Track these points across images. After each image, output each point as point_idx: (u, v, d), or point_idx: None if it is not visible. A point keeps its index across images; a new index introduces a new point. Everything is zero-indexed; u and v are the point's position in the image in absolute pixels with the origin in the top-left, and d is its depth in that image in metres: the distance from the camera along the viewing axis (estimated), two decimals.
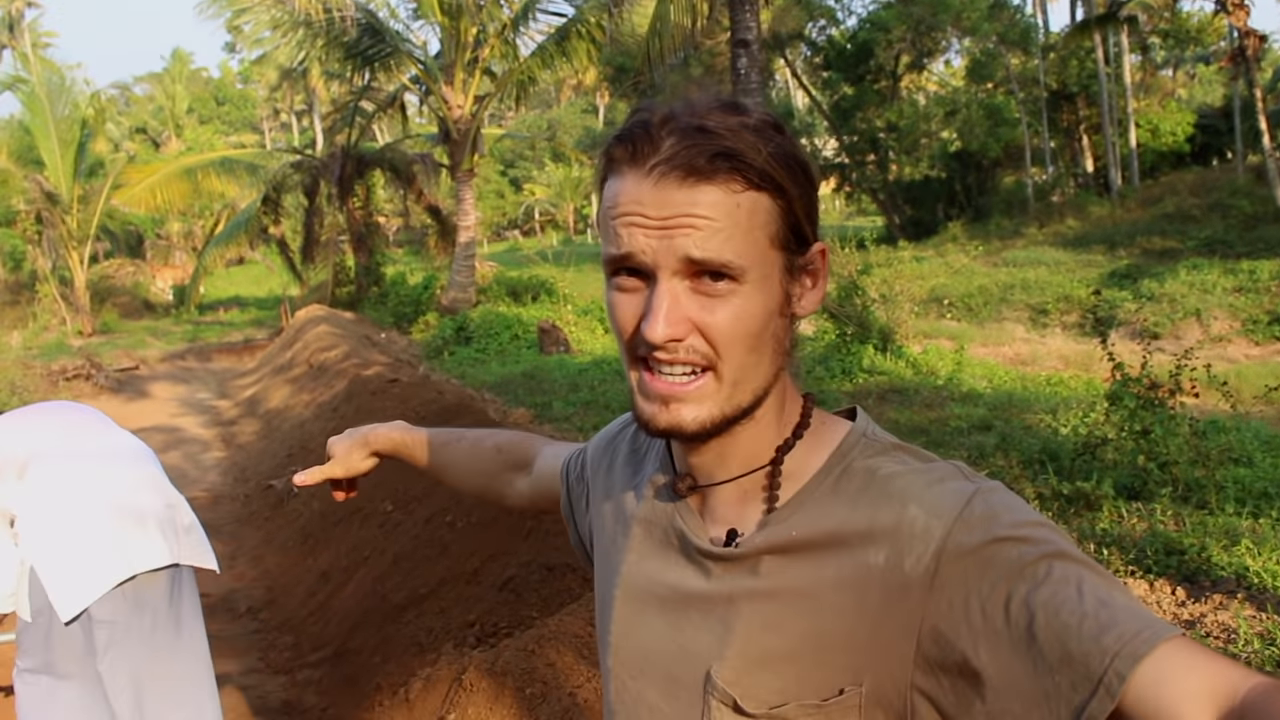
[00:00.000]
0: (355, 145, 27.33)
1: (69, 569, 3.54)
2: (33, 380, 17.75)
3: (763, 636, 1.17)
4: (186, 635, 3.77)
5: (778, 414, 1.23)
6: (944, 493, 1.11)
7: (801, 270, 1.19)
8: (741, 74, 11.32)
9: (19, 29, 72.89)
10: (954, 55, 43.52)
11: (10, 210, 34.19)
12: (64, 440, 3.81)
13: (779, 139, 1.14)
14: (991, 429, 9.40)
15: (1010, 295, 22.84)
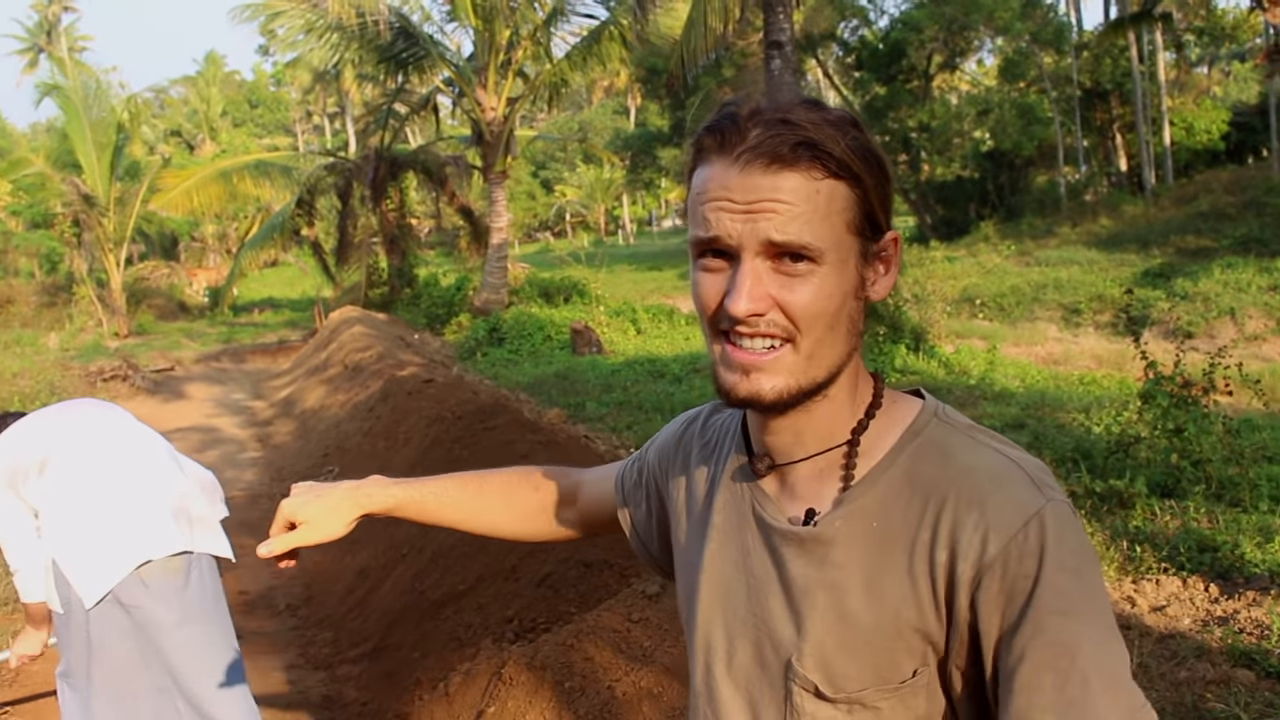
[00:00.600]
0: (388, 148, 27.45)
1: (88, 558, 3.72)
2: (71, 381, 17.92)
3: (839, 626, 1.25)
4: (210, 614, 3.91)
5: (851, 393, 1.31)
6: (1008, 505, 1.17)
7: (875, 256, 1.28)
8: (775, 74, 11.36)
9: (56, 33, 73.66)
10: (986, 54, 43.46)
11: (48, 213, 34.48)
12: (80, 437, 3.96)
13: (855, 133, 1.23)
14: (1024, 427, 9.40)
15: (1043, 295, 22.76)
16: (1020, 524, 1.15)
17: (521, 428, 8.52)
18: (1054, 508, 1.17)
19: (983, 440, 1.26)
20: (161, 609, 3.74)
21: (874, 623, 1.22)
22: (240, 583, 8.50)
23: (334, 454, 11.69)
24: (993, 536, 1.16)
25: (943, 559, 1.19)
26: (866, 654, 1.23)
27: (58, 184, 31.65)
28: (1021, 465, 1.21)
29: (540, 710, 4.32)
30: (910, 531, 1.22)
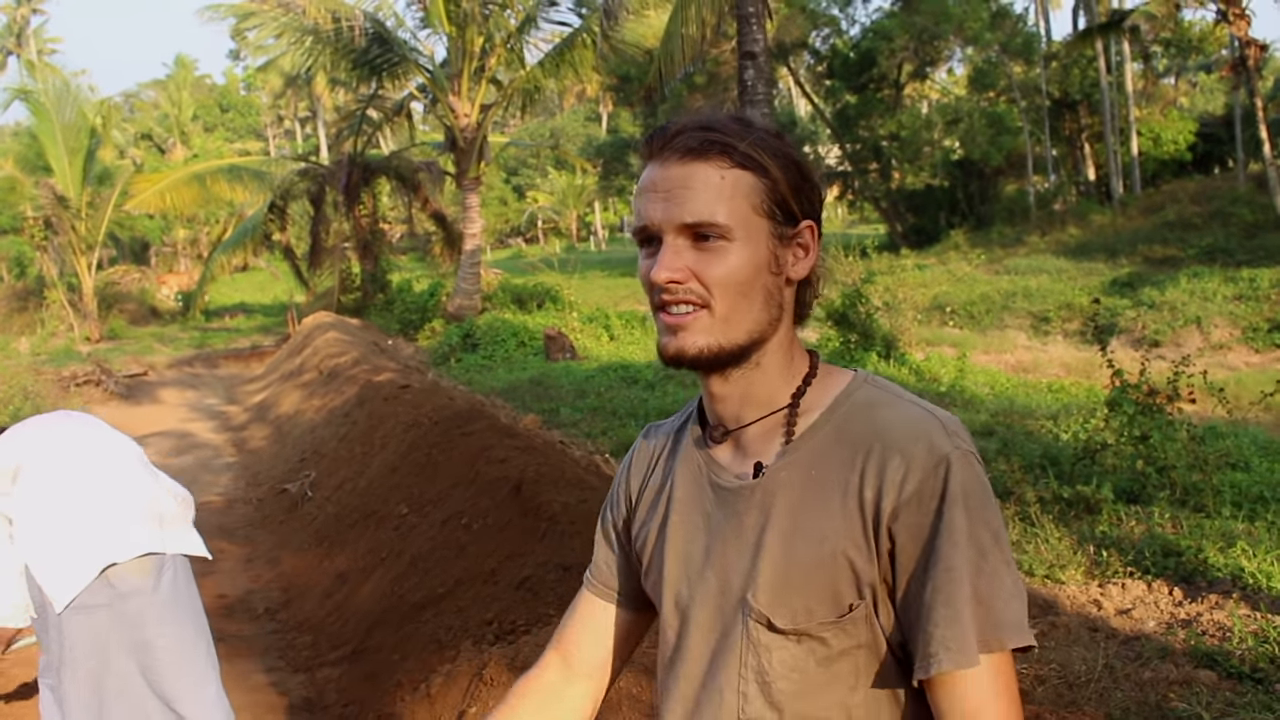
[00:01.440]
0: (362, 153, 27.45)
1: (57, 562, 3.76)
2: (44, 386, 17.85)
3: (785, 563, 1.42)
4: (183, 614, 3.93)
5: (785, 364, 1.50)
6: (923, 449, 1.36)
7: (792, 241, 1.47)
8: (749, 85, 11.48)
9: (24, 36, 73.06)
10: (957, 64, 43.72)
11: (18, 217, 34.25)
12: (52, 445, 4.02)
13: (766, 136, 1.46)
14: (994, 434, 9.52)
15: (1012, 303, 22.95)
16: (933, 465, 1.35)
17: (498, 433, 8.57)
18: (960, 454, 1.35)
19: (905, 398, 1.45)
20: (132, 610, 3.79)
21: (815, 559, 1.40)
22: (218, 586, 8.52)
23: (310, 458, 11.72)
24: (910, 476, 1.35)
25: (870, 496, 1.37)
26: (810, 588, 1.40)
27: (28, 187, 31.44)
28: (937, 416, 1.40)
29: None
30: (843, 475, 1.40)
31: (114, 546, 3.78)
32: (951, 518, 1.32)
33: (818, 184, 1.50)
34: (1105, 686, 4.45)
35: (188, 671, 3.91)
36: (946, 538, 1.33)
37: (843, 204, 46.78)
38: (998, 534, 1.33)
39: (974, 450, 1.38)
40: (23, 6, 73.14)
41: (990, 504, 1.35)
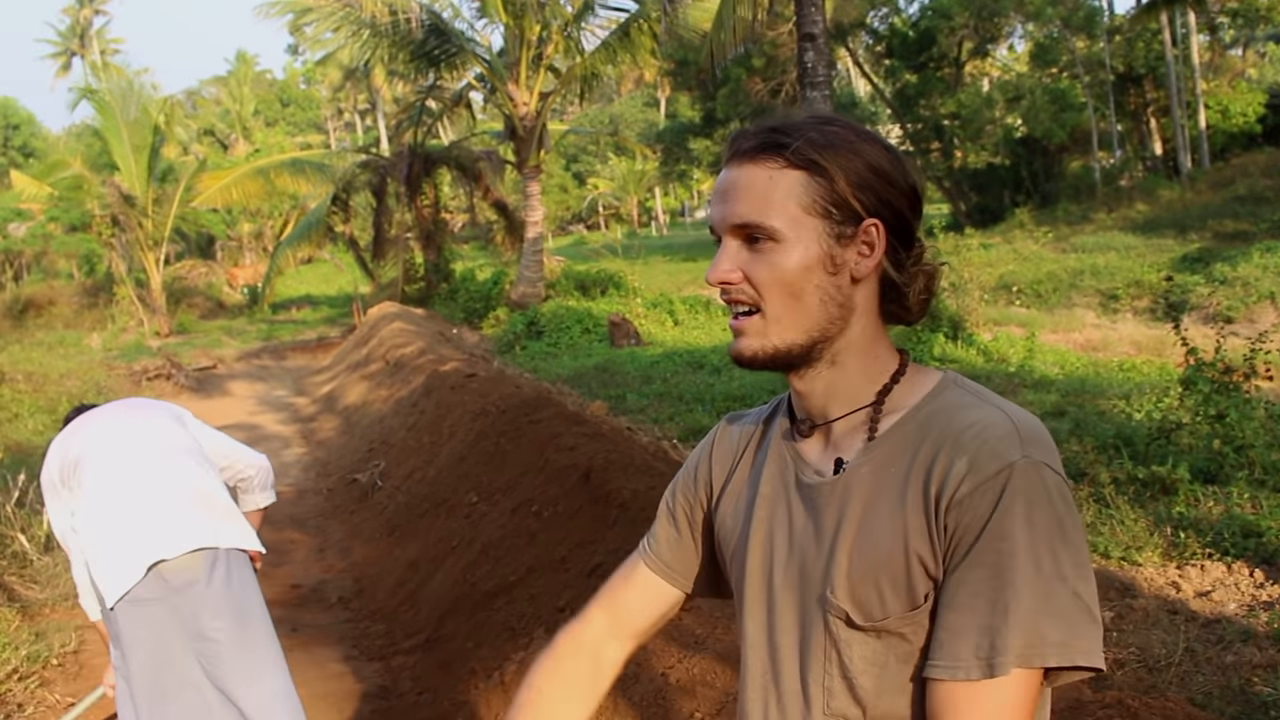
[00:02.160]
0: (422, 144, 27.60)
1: (108, 559, 3.82)
2: (116, 381, 18.13)
3: (861, 558, 1.41)
4: (239, 607, 3.95)
5: (867, 362, 1.49)
6: (991, 453, 1.33)
7: (854, 239, 1.44)
8: (808, 67, 11.39)
9: (88, 37, 74.14)
10: (1018, 40, 43.18)
11: (86, 215, 34.73)
12: (105, 439, 4.09)
13: (833, 130, 1.45)
14: (1065, 415, 9.42)
15: (1080, 281, 22.65)
16: (994, 471, 1.31)
17: (566, 420, 8.58)
18: (1029, 464, 1.31)
19: (990, 401, 1.42)
20: (186, 604, 3.81)
21: (887, 553, 1.38)
22: (292, 576, 8.63)
23: (379, 448, 11.81)
24: (969, 477, 1.32)
25: (933, 491, 1.35)
26: (884, 582, 1.39)
27: (95, 186, 31.88)
28: (1016, 424, 1.36)
29: None
30: (917, 473, 1.38)
31: (159, 544, 3.82)
32: (1002, 525, 1.29)
33: (900, 180, 1.46)
34: (1186, 670, 4.40)
35: (246, 664, 3.91)
36: (991, 542, 1.30)
37: None
38: (1058, 551, 1.29)
39: (1050, 462, 1.33)
40: (85, 8, 74.27)
41: (1057, 518, 1.30)
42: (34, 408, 14.13)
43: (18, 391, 15.20)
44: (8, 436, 12.48)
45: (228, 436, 4.55)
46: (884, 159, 1.45)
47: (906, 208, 1.47)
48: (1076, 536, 1.31)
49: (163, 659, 3.79)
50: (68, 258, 43.73)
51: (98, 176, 32.65)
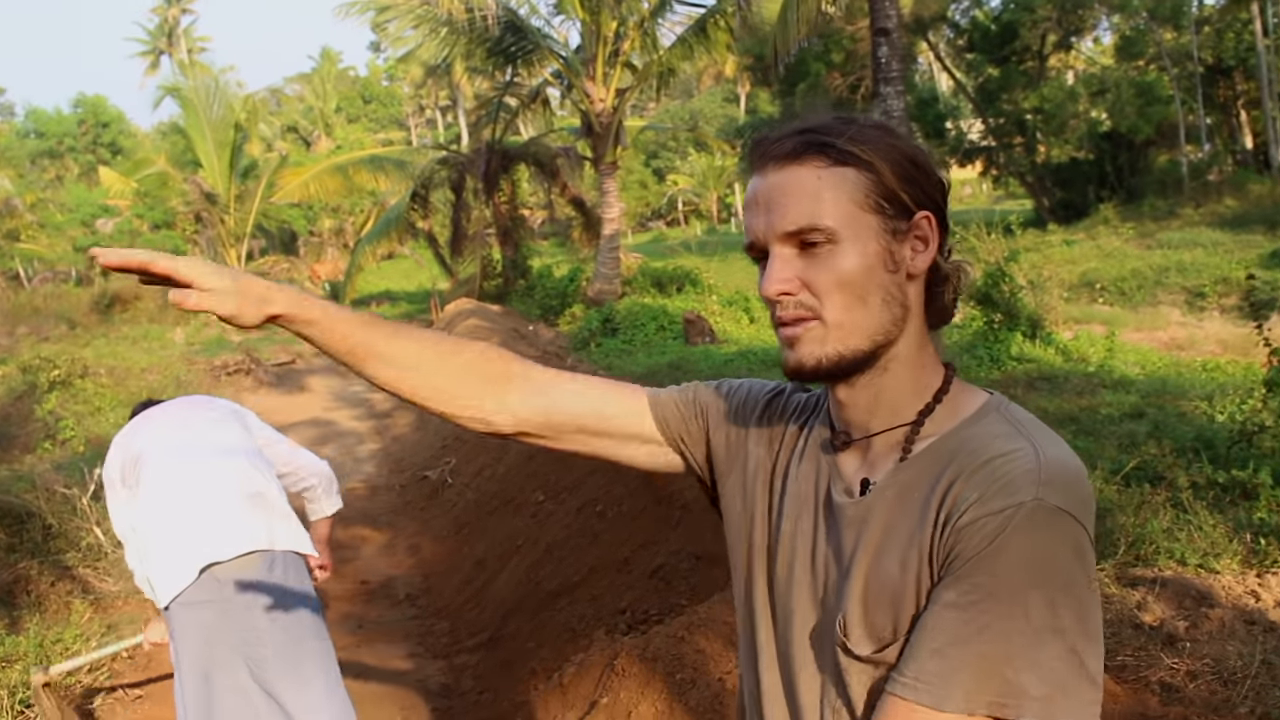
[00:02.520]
0: (499, 140, 27.69)
1: (162, 560, 3.85)
2: (196, 375, 18.38)
3: (871, 584, 1.34)
4: (291, 609, 3.95)
5: (914, 372, 1.42)
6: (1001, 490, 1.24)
7: (908, 234, 1.39)
8: (882, 62, 11.26)
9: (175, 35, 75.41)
10: (1103, 32, 42.51)
11: (170, 212, 35.31)
12: (163, 438, 4.13)
13: (865, 126, 1.40)
14: (1144, 416, 9.21)
15: (1165, 278, 22.20)
16: (1000, 507, 1.23)
17: None
18: (1040, 507, 1.22)
19: (1028, 433, 1.32)
20: (239, 607, 3.82)
21: (898, 582, 1.31)
22: (360, 573, 8.69)
23: (451, 445, 11.85)
24: (975, 507, 1.25)
25: (941, 517, 1.28)
26: (893, 612, 1.32)
27: (179, 183, 32.38)
28: (1041, 462, 1.26)
29: (652, 701, 4.35)
30: (933, 501, 1.30)
31: (214, 546, 3.83)
32: (993, 561, 1.21)
33: (933, 172, 1.40)
34: (1262, 684, 4.26)
35: (295, 669, 3.91)
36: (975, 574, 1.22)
37: (987, 180, 45.86)
38: (1058, 603, 1.19)
39: (1070, 508, 1.23)
40: (173, 7, 75.54)
41: (1063, 568, 1.21)
42: (115, 401, 14.35)
43: (100, 385, 15.45)
44: (89, 430, 12.68)
45: (290, 441, 4.57)
46: (917, 152, 1.41)
47: (942, 200, 1.41)
48: (1085, 595, 1.22)
49: (212, 661, 3.80)
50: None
51: (181, 173, 33.17)
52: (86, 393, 14.88)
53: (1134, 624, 5.14)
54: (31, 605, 7.44)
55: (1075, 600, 1.20)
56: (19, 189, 47.69)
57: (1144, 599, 5.37)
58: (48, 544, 8.21)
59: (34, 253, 46.10)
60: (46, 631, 6.51)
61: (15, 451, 12.49)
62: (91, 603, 7.50)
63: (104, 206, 45.10)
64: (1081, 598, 1.21)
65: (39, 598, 7.58)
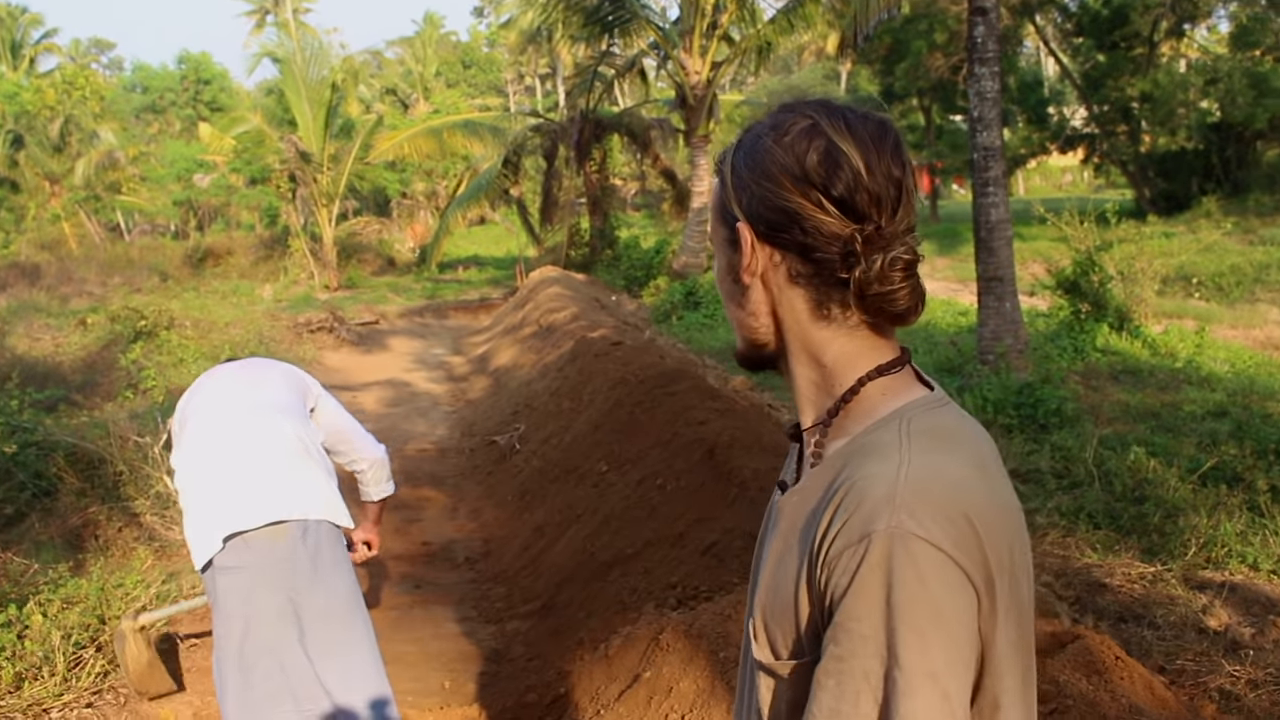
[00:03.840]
0: (594, 110, 27.67)
1: (196, 524, 3.82)
2: (279, 331, 18.58)
3: (766, 594, 1.33)
4: (327, 579, 3.89)
5: (810, 371, 1.39)
6: (859, 517, 1.19)
7: (737, 243, 1.38)
8: (978, 42, 11.02)
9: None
10: (1219, 20, 41.43)
11: (266, 169, 35.77)
12: (211, 401, 4.08)
13: (747, 133, 1.41)
14: (1227, 415, 8.96)
15: (1266, 275, 21.57)
16: (856, 537, 1.17)
17: (701, 394, 8.47)
18: (891, 535, 1.15)
19: (907, 444, 1.25)
20: (273, 575, 3.78)
21: (787, 597, 1.28)
22: (423, 534, 8.73)
23: (522, 411, 11.86)
24: (840, 537, 1.19)
25: (815, 544, 1.23)
26: (781, 626, 1.28)
27: (275, 141, 32.76)
28: (900, 483, 1.19)
29: (694, 678, 4.30)
30: (818, 517, 1.25)
31: (243, 514, 3.77)
32: (856, 605, 1.16)
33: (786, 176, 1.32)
34: None
35: (328, 638, 3.86)
36: (845, 621, 1.16)
37: (1088, 167, 45.00)
38: (928, 640, 1.12)
39: (927, 533, 1.15)
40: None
41: (929, 600, 1.13)
42: (197, 354, 14.55)
43: (185, 337, 15.67)
44: (170, 380, 12.87)
45: (351, 420, 4.52)
46: (778, 153, 1.34)
47: (804, 205, 1.31)
48: (956, 626, 1.14)
49: (247, 626, 3.76)
50: (250, 209, 45.23)
51: (278, 132, 33.54)
52: (171, 344, 15.11)
53: (1197, 628, 4.99)
54: (98, 550, 7.56)
55: (948, 636, 1.13)
56: (122, 142, 48.64)
57: (1210, 603, 5.21)
58: (118, 490, 8.32)
59: (134, 205, 47.04)
60: (109, 576, 6.57)
61: (97, 399, 12.71)
62: (155, 550, 7.60)
63: (200, 162, 45.83)
64: (953, 634, 1.14)
65: (105, 542, 7.70)
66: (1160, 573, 5.72)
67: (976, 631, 1.17)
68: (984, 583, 1.17)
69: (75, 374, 14.34)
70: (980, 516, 1.18)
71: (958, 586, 1.14)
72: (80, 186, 41.70)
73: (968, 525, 1.17)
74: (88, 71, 56.69)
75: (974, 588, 1.16)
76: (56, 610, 5.89)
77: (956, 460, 1.23)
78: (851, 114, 1.33)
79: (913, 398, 1.33)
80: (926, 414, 1.30)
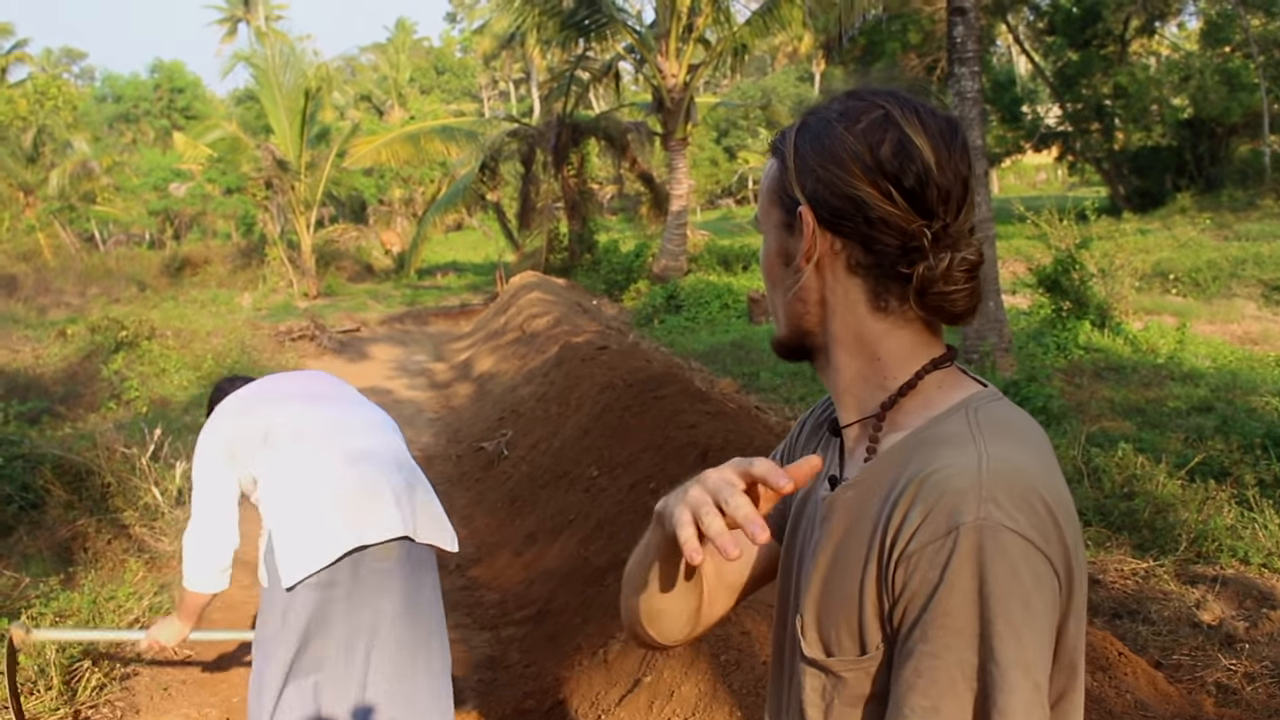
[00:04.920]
0: (571, 114, 27.67)
1: (301, 536, 3.54)
2: (261, 340, 18.53)
3: (823, 589, 1.32)
4: (421, 610, 3.74)
5: (860, 364, 1.37)
6: (944, 509, 1.17)
7: (795, 228, 1.37)
8: (958, 42, 11.08)
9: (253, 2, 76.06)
10: (1189, 17, 41.67)
11: (242, 177, 35.67)
12: (307, 409, 3.83)
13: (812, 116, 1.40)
14: (1212, 410, 9.03)
15: (1241, 270, 21.71)
16: (944, 530, 1.16)
17: (690, 397, 8.48)
18: (981, 528, 1.15)
19: (982, 436, 1.24)
20: (367, 599, 3.58)
21: (847, 591, 1.27)
22: None
23: (509, 417, 11.85)
24: (920, 531, 1.18)
25: (888, 540, 1.22)
26: (839, 620, 1.28)
27: (251, 148, 32.66)
28: (984, 473, 1.18)
29: (695, 682, 4.31)
30: (885, 511, 1.24)
31: (363, 528, 3.56)
32: (948, 601, 1.15)
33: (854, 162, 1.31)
34: None
35: (411, 673, 3.72)
36: (937, 618, 1.15)
37: (1062, 166, 45.19)
38: (1023, 634, 1.13)
39: (1015, 524, 1.15)
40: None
41: (1022, 593, 1.13)
42: (179, 364, 14.51)
43: (166, 347, 15.60)
44: (153, 390, 12.83)
45: None
46: (849, 140, 1.32)
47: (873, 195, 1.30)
48: (1043, 619, 1.15)
49: (326, 651, 3.58)
50: (226, 218, 45.09)
51: (254, 139, 33.45)
52: (152, 354, 15.05)
53: (1191, 622, 5.03)
54: (88, 562, 7.51)
55: (1037, 629, 1.14)
56: (96, 152, 48.32)
57: (1203, 597, 5.26)
58: (106, 502, 8.28)
59: (109, 215, 46.75)
60: (100, 589, 6.54)
61: (80, 410, 12.65)
62: (146, 561, 7.56)
63: (176, 171, 45.65)
64: (1041, 626, 1.14)
65: (95, 555, 7.66)
66: (1153, 568, 5.77)
67: (1056, 622, 1.18)
68: (1065, 572, 1.18)
69: (57, 385, 14.28)
70: (1059, 506, 1.19)
71: (1046, 577, 1.15)
72: (54, 197, 41.43)
73: (1049, 515, 1.17)
74: (60, 81, 56.41)
75: (1058, 577, 1.17)
76: (49, 624, 5.86)
77: (1029, 451, 1.24)
78: (923, 108, 1.33)
79: (972, 390, 1.34)
80: (993, 405, 1.31)
